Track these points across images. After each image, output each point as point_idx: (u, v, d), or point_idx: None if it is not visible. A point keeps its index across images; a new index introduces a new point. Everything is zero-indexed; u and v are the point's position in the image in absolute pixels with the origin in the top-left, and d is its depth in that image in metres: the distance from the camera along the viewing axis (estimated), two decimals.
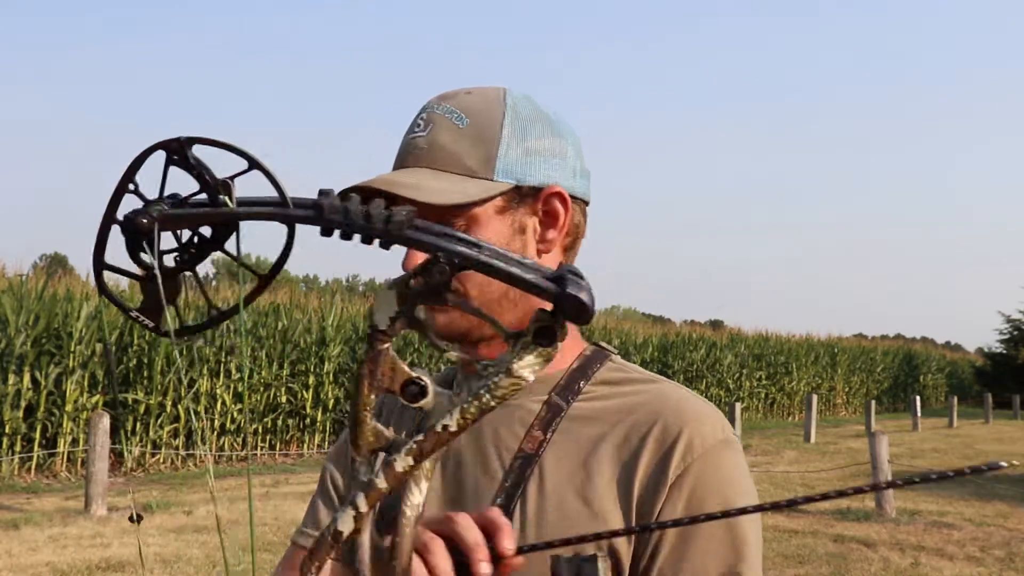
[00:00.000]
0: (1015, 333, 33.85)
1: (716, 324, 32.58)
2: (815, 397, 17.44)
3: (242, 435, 11.86)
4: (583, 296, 0.47)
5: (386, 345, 0.51)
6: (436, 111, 0.89)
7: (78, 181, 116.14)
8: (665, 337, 21.44)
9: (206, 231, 0.53)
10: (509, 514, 0.84)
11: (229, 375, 11.82)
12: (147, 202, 0.51)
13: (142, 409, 10.83)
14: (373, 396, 0.52)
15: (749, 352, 23.10)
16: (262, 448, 12.26)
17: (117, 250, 0.53)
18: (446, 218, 0.85)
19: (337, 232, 0.49)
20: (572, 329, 0.96)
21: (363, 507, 0.50)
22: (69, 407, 10.09)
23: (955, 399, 22.66)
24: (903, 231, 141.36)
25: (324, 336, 13.19)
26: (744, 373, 22.51)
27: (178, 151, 0.51)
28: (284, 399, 12.61)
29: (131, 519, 0.60)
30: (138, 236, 0.51)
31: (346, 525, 0.50)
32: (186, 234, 0.53)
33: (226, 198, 0.51)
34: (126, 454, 10.54)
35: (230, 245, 0.54)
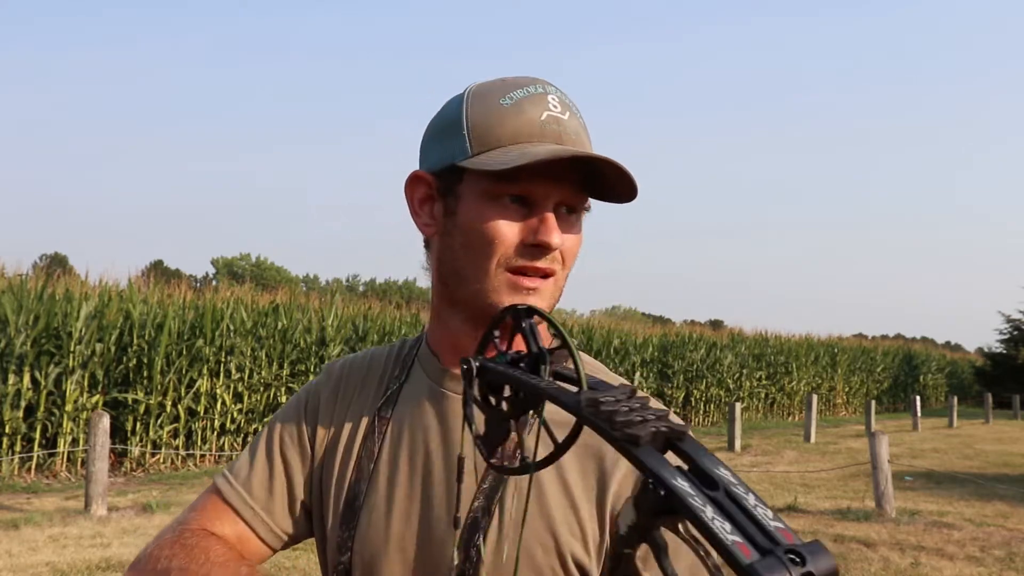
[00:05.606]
0: (1015, 333, 33.89)
1: (716, 324, 32.61)
2: (815, 397, 17.43)
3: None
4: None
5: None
6: (561, 96, 0.93)
7: (78, 181, 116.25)
8: (665, 337, 21.39)
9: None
10: (489, 514, 0.86)
11: (229, 375, 11.82)
12: (499, 352, 0.65)
13: (142, 409, 10.83)
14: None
15: (749, 352, 23.10)
16: None
17: None
18: (584, 206, 0.94)
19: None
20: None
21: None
22: (69, 407, 10.08)
23: (955, 399, 22.68)
24: (903, 231, 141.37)
25: (324, 336, 13.19)
26: (744, 373, 22.50)
27: (516, 316, 0.66)
28: (284, 399, 12.59)
29: None
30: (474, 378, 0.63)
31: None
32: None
33: (543, 367, 0.59)
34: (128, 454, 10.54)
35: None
